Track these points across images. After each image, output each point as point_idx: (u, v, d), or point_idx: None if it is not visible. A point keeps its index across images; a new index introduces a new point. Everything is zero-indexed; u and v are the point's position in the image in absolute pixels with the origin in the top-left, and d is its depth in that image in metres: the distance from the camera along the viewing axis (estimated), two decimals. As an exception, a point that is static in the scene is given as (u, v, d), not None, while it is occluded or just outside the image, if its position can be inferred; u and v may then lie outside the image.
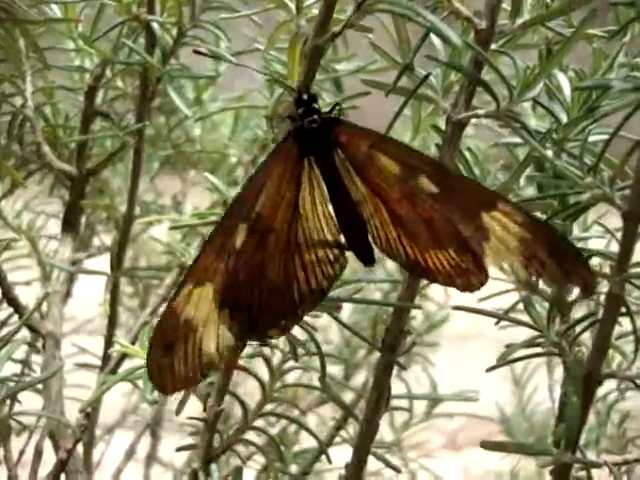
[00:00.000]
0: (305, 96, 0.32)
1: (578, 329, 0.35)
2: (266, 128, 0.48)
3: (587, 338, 0.37)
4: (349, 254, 0.35)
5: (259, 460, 0.53)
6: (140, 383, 0.39)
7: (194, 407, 0.41)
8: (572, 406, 0.33)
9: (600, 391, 0.43)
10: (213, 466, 0.38)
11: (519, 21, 0.36)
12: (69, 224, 0.52)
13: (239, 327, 0.33)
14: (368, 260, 0.35)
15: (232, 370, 0.38)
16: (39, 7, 0.49)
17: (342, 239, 0.35)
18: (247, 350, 0.39)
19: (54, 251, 0.55)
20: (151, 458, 0.66)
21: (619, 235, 0.34)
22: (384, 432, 0.60)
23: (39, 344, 0.53)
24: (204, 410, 0.38)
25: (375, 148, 0.33)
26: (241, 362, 0.39)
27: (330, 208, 0.35)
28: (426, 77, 0.36)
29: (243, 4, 0.46)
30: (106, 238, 0.62)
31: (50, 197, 0.60)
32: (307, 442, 0.55)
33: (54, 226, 0.63)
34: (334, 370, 0.58)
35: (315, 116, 0.32)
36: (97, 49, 0.47)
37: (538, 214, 0.36)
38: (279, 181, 0.33)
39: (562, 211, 0.34)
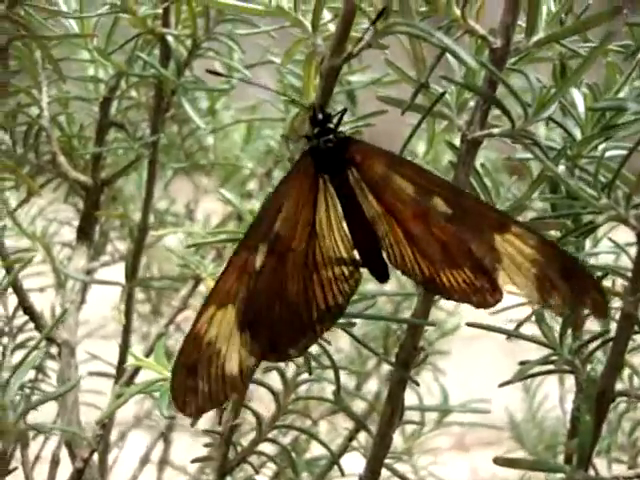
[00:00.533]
0: (320, 115, 0.32)
1: (591, 346, 0.35)
2: (280, 141, 0.49)
3: (600, 354, 0.37)
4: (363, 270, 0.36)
5: (271, 467, 0.53)
6: (157, 395, 0.39)
7: (207, 415, 0.41)
8: (585, 425, 0.33)
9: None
10: (228, 479, 0.39)
11: (534, 39, 0.37)
12: (84, 233, 0.53)
13: (260, 348, 0.33)
14: (382, 277, 0.36)
15: (248, 386, 0.38)
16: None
17: (356, 255, 0.36)
18: (262, 364, 0.39)
19: (68, 258, 0.56)
20: (164, 462, 0.67)
21: (631, 250, 0.34)
22: (395, 440, 0.60)
23: (53, 350, 0.54)
24: (219, 423, 0.39)
25: (389, 168, 0.33)
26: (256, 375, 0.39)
27: (345, 225, 0.35)
28: (442, 95, 0.36)
29: (257, 17, 0.46)
30: (120, 245, 0.62)
31: (65, 204, 0.60)
32: (319, 449, 0.55)
33: (68, 233, 0.64)
34: (345, 379, 0.58)
35: (330, 135, 0.33)
36: (112, 62, 0.48)
37: (552, 232, 0.36)
38: (296, 200, 0.34)
39: (575, 230, 0.35)
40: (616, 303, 0.36)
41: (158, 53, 0.50)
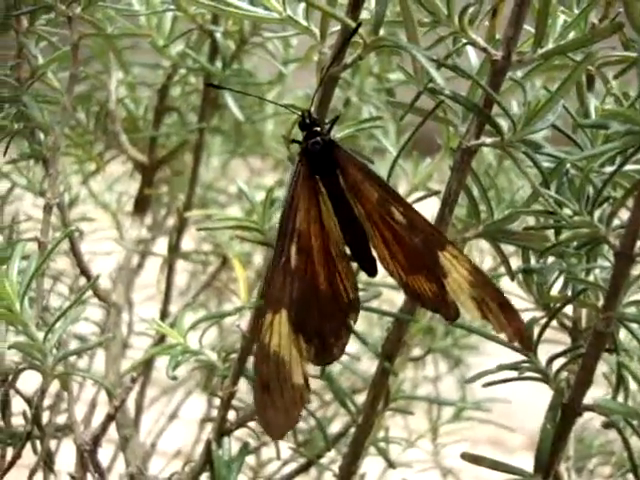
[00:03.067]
0: (308, 120, 0.35)
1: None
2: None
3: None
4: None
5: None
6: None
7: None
8: (545, 433, 0.35)
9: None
10: (226, 439, 0.43)
11: (540, 51, 0.37)
12: (139, 207, 0.58)
13: (313, 351, 0.34)
14: (371, 271, 0.38)
15: (248, 355, 0.42)
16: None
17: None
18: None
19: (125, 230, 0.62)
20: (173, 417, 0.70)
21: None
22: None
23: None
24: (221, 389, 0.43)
25: (360, 175, 0.35)
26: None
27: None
28: (439, 103, 0.37)
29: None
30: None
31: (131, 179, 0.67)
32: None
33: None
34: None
35: (318, 138, 0.35)
36: (166, 54, 0.53)
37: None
38: (305, 199, 0.36)
39: (556, 246, 0.35)
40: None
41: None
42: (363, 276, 0.40)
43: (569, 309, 0.44)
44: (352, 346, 0.43)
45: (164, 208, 0.62)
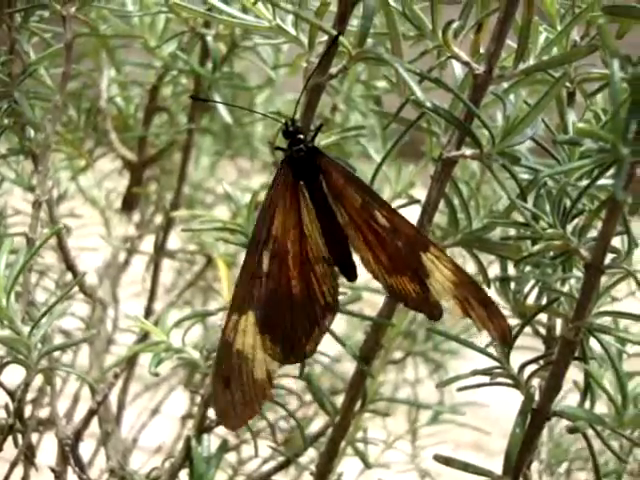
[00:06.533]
0: (291, 128, 0.36)
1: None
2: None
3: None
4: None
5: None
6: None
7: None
8: (514, 437, 0.36)
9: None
10: (205, 436, 0.44)
11: (521, 67, 0.38)
12: (127, 205, 0.59)
13: (280, 350, 0.35)
14: (350, 276, 0.39)
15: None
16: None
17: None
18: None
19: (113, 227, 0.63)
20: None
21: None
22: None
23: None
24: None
25: (344, 180, 0.36)
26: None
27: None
28: (421, 115, 0.39)
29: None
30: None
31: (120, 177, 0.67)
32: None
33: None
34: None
35: (301, 146, 0.36)
36: (158, 55, 0.53)
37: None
38: (284, 205, 0.37)
39: (530, 256, 0.36)
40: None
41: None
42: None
43: (545, 317, 0.45)
44: (333, 348, 0.44)
45: (152, 206, 0.63)
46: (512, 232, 0.40)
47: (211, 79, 0.52)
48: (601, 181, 0.37)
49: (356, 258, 0.39)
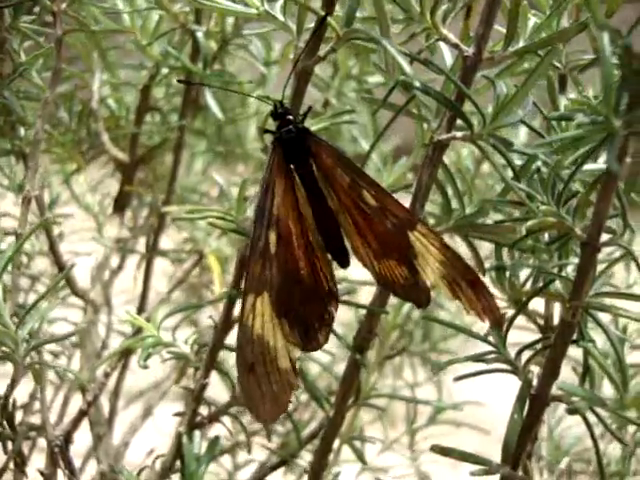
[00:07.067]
0: (280, 110, 0.36)
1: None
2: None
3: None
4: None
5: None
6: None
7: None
8: (513, 423, 0.35)
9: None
10: (197, 432, 0.43)
11: (510, 49, 0.38)
12: (119, 205, 0.59)
13: (298, 336, 0.34)
14: (343, 262, 0.38)
15: (219, 349, 0.42)
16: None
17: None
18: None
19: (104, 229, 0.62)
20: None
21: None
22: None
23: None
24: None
25: (335, 161, 0.36)
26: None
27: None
28: (412, 98, 0.38)
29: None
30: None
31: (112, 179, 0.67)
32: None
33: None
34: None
35: (291, 126, 0.35)
36: (149, 53, 0.53)
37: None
38: (280, 187, 0.36)
39: (525, 237, 0.36)
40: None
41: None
42: (340, 272, 0.40)
43: (542, 307, 0.44)
44: (329, 345, 0.43)
45: (145, 208, 0.62)
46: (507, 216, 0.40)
47: (202, 75, 0.52)
48: (593, 165, 0.36)
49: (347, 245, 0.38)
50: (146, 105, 0.57)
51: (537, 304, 0.43)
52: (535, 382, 0.36)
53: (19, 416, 0.49)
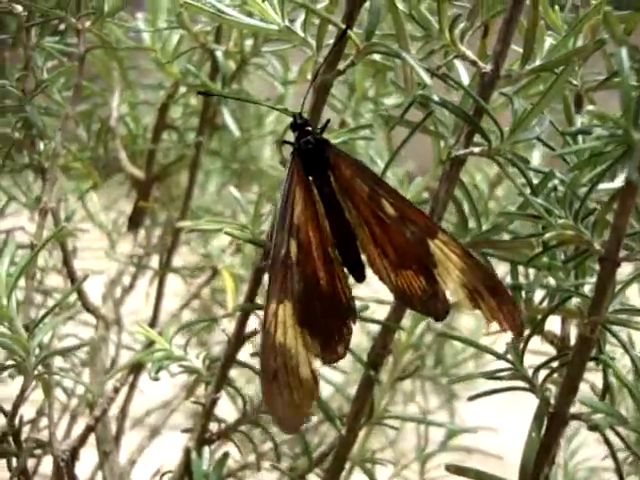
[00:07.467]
0: (299, 121, 0.36)
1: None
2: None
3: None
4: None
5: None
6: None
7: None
8: (530, 443, 0.34)
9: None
10: (206, 448, 0.42)
11: (527, 67, 0.38)
12: (133, 222, 0.59)
13: (318, 346, 0.33)
14: (359, 277, 0.38)
15: (231, 364, 0.42)
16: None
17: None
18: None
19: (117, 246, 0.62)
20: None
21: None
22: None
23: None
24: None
25: (351, 170, 0.36)
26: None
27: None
28: (428, 114, 0.38)
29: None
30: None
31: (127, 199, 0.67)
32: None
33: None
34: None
35: (309, 137, 0.36)
36: (168, 71, 0.54)
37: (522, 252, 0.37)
38: (301, 198, 0.36)
39: (544, 252, 0.35)
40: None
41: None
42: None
43: (558, 329, 0.44)
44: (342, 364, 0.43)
45: (160, 226, 0.62)
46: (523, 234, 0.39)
47: (220, 94, 0.53)
48: (611, 184, 0.36)
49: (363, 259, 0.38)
50: (163, 123, 0.58)
51: (553, 325, 0.42)
52: (553, 401, 0.35)
53: (26, 433, 0.49)
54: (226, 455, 0.42)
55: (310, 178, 0.36)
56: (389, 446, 0.62)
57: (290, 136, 0.38)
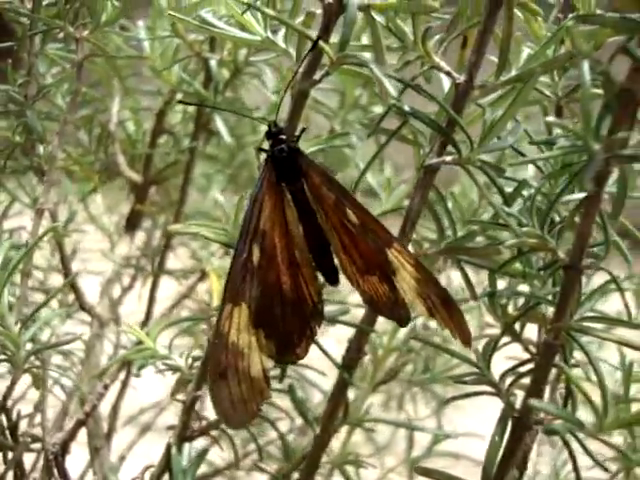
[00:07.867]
0: (274, 129, 0.37)
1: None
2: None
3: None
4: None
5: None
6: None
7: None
8: (493, 446, 0.35)
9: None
10: (186, 445, 0.43)
11: (502, 78, 0.39)
12: (130, 225, 0.61)
13: (273, 347, 0.35)
14: (333, 280, 0.39)
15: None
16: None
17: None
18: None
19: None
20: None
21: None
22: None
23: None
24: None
25: (321, 179, 0.37)
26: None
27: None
28: (404, 123, 0.39)
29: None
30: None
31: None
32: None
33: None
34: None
35: (283, 146, 0.37)
36: (164, 79, 0.56)
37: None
38: (270, 203, 0.37)
39: (511, 260, 0.36)
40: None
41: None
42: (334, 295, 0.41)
43: (534, 335, 0.44)
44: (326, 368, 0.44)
45: (157, 229, 0.64)
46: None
47: (213, 102, 0.54)
48: (578, 194, 0.37)
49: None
50: (160, 128, 0.60)
51: (533, 333, 0.43)
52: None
53: (23, 427, 0.50)
54: (205, 451, 0.43)
55: (283, 184, 0.38)
56: (377, 452, 0.63)
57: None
